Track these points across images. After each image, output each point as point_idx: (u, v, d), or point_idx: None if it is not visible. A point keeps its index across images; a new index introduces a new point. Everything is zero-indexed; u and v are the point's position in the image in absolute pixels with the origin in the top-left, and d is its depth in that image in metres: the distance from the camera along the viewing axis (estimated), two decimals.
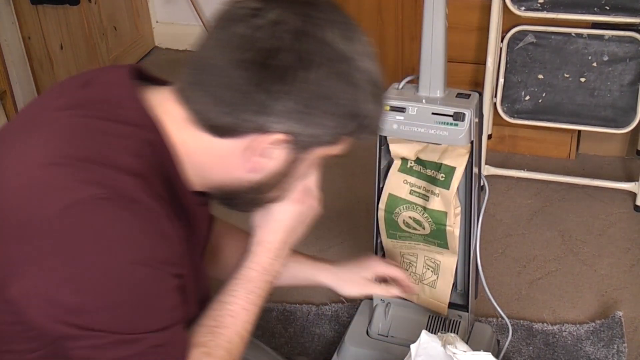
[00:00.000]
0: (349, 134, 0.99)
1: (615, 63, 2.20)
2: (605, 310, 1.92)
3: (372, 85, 0.97)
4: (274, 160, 0.99)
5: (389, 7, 2.47)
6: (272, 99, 0.92)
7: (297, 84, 0.92)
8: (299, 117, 0.94)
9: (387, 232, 1.62)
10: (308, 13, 0.95)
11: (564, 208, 2.33)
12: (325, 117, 0.95)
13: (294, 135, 0.96)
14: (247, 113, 0.93)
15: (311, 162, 1.02)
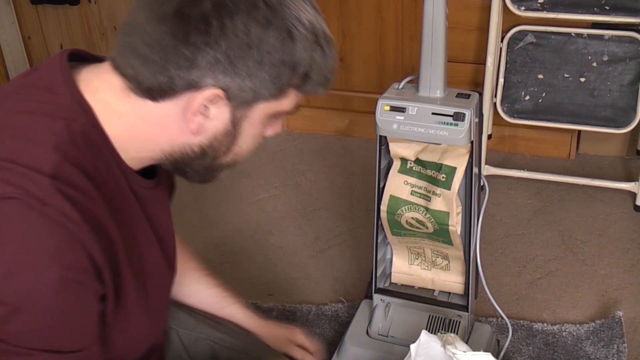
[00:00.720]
0: (291, 86, 0.96)
1: (615, 63, 2.20)
2: (605, 310, 1.92)
3: (310, 32, 0.94)
4: (215, 120, 0.95)
5: (389, 7, 2.47)
6: (196, 51, 0.89)
7: (220, 33, 0.89)
8: (227, 69, 0.91)
9: (391, 230, 1.63)
10: None
11: (564, 208, 2.33)
12: (256, 68, 0.91)
13: (227, 90, 0.92)
14: (174, 69, 0.90)
15: (259, 120, 0.98)
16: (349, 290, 2.03)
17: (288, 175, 2.58)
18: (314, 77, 0.96)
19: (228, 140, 0.98)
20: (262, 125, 1.00)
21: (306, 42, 0.93)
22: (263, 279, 2.09)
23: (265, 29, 0.91)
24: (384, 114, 1.46)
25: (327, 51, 0.97)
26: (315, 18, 0.95)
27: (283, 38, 0.91)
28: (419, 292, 1.72)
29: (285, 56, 0.92)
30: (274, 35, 0.91)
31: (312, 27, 0.94)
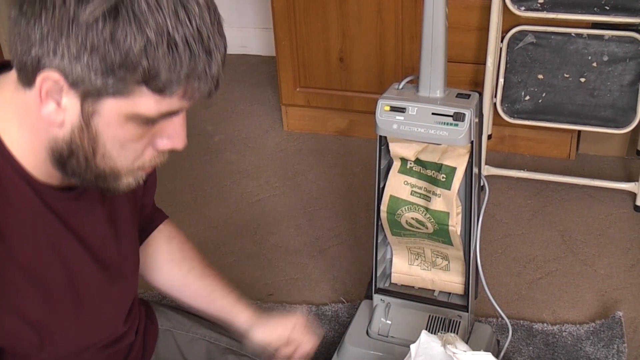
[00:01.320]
0: (135, 82, 0.84)
1: (615, 63, 2.20)
2: (605, 310, 1.92)
3: (156, 22, 0.81)
4: (68, 112, 0.86)
5: (389, 7, 2.47)
6: (29, 24, 0.82)
7: (43, 3, 0.81)
8: (55, 47, 0.82)
9: (392, 230, 1.63)
10: None
11: (563, 208, 2.33)
12: (79, 50, 0.81)
13: (64, 74, 0.83)
14: (20, 45, 0.84)
15: (115, 121, 0.87)
16: (349, 291, 2.03)
17: (288, 176, 2.58)
18: (162, 75, 0.83)
19: (87, 138, 0.89)
20: (125, 129, 0.88)
21: (139, 27, 0.81)
22: (263, 279, 2.09)
23: (83, 2, 0.80)
24: (384, 114, 1.46)
25: (183, 47, 0.84)
26: (176, 5, 0.83)
27: (104, 15, 0.80)
28: (419, 292, 1.72)
29: (107, 38, 0.81)
30: (91, 9, 0.80)
31: (159, 12, 0.82)
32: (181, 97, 0.86)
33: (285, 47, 2.66)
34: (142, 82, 0.83)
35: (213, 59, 0.86)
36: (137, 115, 0.87)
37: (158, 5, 0.81)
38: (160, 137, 0.93)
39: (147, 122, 0.88)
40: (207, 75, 0.86)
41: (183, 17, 0.82)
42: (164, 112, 0.87)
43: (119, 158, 0.91)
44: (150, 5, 0.81)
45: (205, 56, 0.85)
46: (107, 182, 0.95)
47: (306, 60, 2.67)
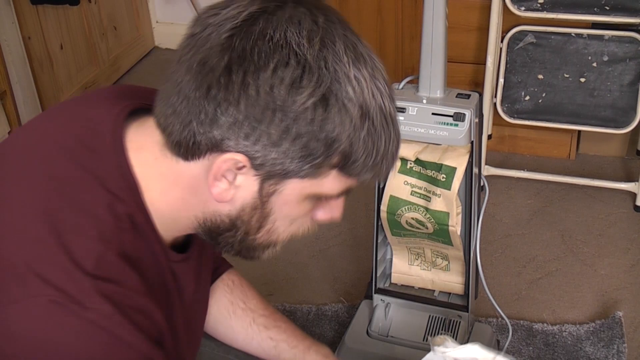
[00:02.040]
0: (329, 166, 0.84)
1: (615, 63, 2.20)
2: (605, 311, 1.92)
3: (356, 103, 0.81)
4: (242, 190, 0.86)
5: (389, 7, 2.47)
6: (216, 107, 0.81)
7: (240, 90, 0.80)
8: (248, 133, 0.81)
9: (391, 230, 1.63)
10: (276, 10, 0.82)
11: (563, 208, 2.33)
12: (280, 137, 0.80)
13: (251, 157, 0.82)
14: (197, 125, 0.82)
15: (294, 200, 0.87)
16: (349, 291, 2.03)
17: None
18: (360, 159, 0.83)
19: (258, 215, 0.88)
20: (300, 207, 0.89)
21: (346, 115, 0.81)
22: (263, 278, 2.09)
23: (293, 91, 0.79)
24: None
25: (380, 130, 0.83)
26: (371, 86, 0.82)
27: (314, 105, 0.80)
28: (419, 292, 1.73)
29: (315, 128, 0.80)
30: (302, 100, 0.79)
31: (361, 97, 0.81)
32: (359, 180, 0.88)
33: None
34: (339, 166, 0.84)
35: (399, 139, 0.87)
36: (320, 195, 0.88)
37: (360, 88, 0.81)
38: (323, 211, 0.94)
39: (320, 200, 0.89)
40: (394, 157, 0.87)
41: (378, 97, 0.83)
42: (344, 190, 0.89)
43: (284, 233, 0.92)
44: (356, 89, 0.81)
45: (395, 137, 0.86)
46: (254, 253, 0.95)
47: None
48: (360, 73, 0.82)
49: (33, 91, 2.68)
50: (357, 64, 0.82)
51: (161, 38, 3.54)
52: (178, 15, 3.45)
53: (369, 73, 0.83)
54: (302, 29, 0.80)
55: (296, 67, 0.79)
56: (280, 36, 0.80)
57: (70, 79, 2.89)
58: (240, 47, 0.80)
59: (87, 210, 0.84)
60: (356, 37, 0.84)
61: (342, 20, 0.85)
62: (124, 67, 3.27)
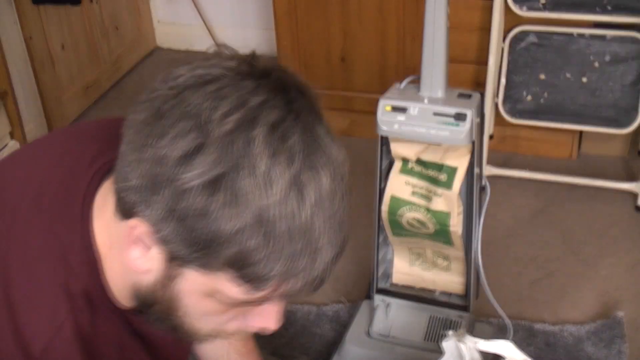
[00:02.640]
0: (220, 264, 0.74)
1: (617, 63, 2.20)
2: (606, 311, 1.92)
3: (257, 209, 0.71)
4: (154, 262, 0.78)
5: (391, 7, 2.46)
6: (129, 167, 0.75)
7: (144, 154, 0.74)
8: (148, 202, 0.74)
9: (392, 230, 1.63)
10: (228, 79, 0.75)
11: (565, 208, 2.33)
12: (174, 219, 0.73)
13: (155, 229, 0.75)
14: (120, 179, 0.77)
15: (196, 292, 0.79)
16: (349, 291, 2.03)
17: None
18: (260, 271, 0.73)
19: (168, 296, 0.80)
20: (207, 303, 0.79)
21: (235, 211, 0.71)
22: None
23: (182, 165, 0.71)
24: (385, 114, 1.46)
25: (283, 243, 0.72)
26: (288, 188, 0.71)
27: (200, 187, 0.71)
28: (419, 292, 1.73)
29: (198, 214, 0.71)
30: (189, 178, 0.71)
31: (263, 196, 0.71)
32: (271, 290, 0.76)
33: (286, 47, 2.66)
34: (228, 266, 0.74)
35: (319, 260, 0.75)
36: (218, 296, 0.78)
37: (266, 188, 0.70)
38: (252, 318, 0.84)
39: (232, 304, 0.79)
40: (306, 277, 0.75)
41: (293, 206, 0.71)
42: (251, 300, 0.78)
43: (198, 324, 0.84)
44: (256, 187, 0.70)
45: (308, 256, 0.74)
46: (186, 336, 0.87)
47: (307, 60, 2.67)
48: (278, 169, 0.71)
49: (34, 91, 2.68)
50: (278, 157, 0.71)
51: (163, 38, 3.54)
52: (180, 15, 3.45)
53: (295, 174, 0.72)
54: (221, 104, 0.72)
55: (194, 140, 0.71)
56: (195, 105, 0.73)
57: (71, 79, 2.89)
58: (162, 107, 0.75)
59: (43, 287, 0.81)
60: (315, 133, 0.75)
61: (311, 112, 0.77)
62: (126, 67, 3.27)
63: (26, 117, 2.57)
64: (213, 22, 3.39)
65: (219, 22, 3.39)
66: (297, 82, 0.79)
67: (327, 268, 0.77)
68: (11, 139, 2.38)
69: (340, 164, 0.79)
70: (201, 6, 3.34)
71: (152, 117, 0.74)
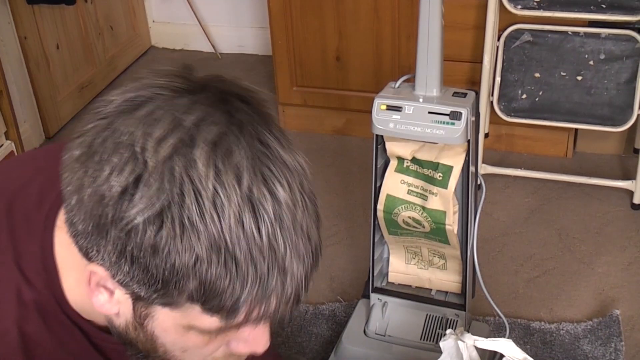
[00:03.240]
0: (184, 300, 0.70)
1: (612, 61, 2.20)
2: (602, 309, 1.92)
3: (211, 235, 0.66)
4: (122, 305, 0.75)
5: (385, 6, 2.46)
6: (71, 214, 0.72)
7: (81, 195, 0.70)
8: (96, 246, 0.71)
9: (388, 229, 1.63)
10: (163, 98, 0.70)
11: (561, 206, 2.33)
12: (126, 262, 0.69)
13: (111, 274, 0.71)
14: (70, 224, 0.74)
15: (174, 330, 0.75)
16: (346, 290, 2.03)
17: None
18: (219, 297, 0.68)
19: (143, 336, 0.77)
20: (187, 337, 0.75)
21: (187, 241, 0.66)
22: None
23: (123, 202, 0.67)
24: (380, 113, 1.46)
25: (247, 266, 0.67)
26: (243, 206, 0.66)
27: (145, 223, 0.66)
28: (416, 291, 1.72)
29: (149, 251, 0.67)
30: (132, 215, 0.67)
31: (216, 221, 0.66)
32: (246, 314, 0.71)
33: (281, 46, 2.66)
34: (193, 301, 0.70)
35: (289, 277, 0.70)
36: (194, 327, 0.74)
37: (217, 212, 0.65)
38: (237, 343, 0.79)
39: (211, 333, 0.75)
40: (279, 297, 0.70)
41: (249, 227, 0.66)
42: (229, 327, 0.73)
43: (183, 358, 0.79)
44: (205, 212, 0.65)
45: (277, 275, 0.69)
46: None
47: (303, 59, 2.67)
48: (225, 190, 0.66)
49: (29, 91, 2.68)
50: (224, 177, 0.66)
51: (158, 37, 3.54)
52: (174, 15, 3.45)
53: (246, 192, 0.66)
54: (154, 130, 0.67)
55: (131, 173, 0.66)
56: (128, 134, 0.67)
57: (66, 78, 2.88)
58: (94, 141, 0.70)
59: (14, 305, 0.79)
60: (263, 143, 0.69)
61: (257, 120, 0.71)
62: (121, 67, 3.27)
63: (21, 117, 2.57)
64: (208, 21, 3.38)
65: (213, 21, 3.39)
66: (239, 90, 0.72)
67: (301, 283, 0.71)
68: (6, 139, 2.38)
69: (297, 171, 0.71)
70: (196, 6, 3.34)
71: (85, 154, 0.69)
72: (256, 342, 0.78)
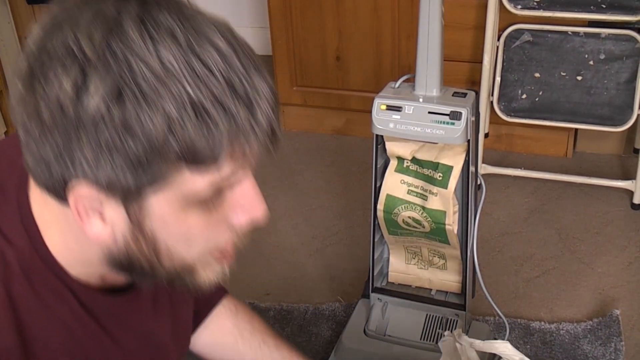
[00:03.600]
0: (172, 167, 0.71)
1: (611, 61, 2.20)
2: (602, 309, 1.92)
3: (178, 97, 0.68)
4: (115, 223, 0.76)
5: (386, 6, 2.46)
6: (38, 144, 0.72)
7: (40, 117, 0.70)
8: (73, 161, 0.71)
9: (388, 229, 1.63)
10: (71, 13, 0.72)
11: (561, 206, 2.33)
12: (105, 154, 0.70)
13: (95, 184, 0.71)
14: (38, 169, 0.74)
15: (172, 217, 0.76)
16: (346, 290, 2.03)
17: (285, 175, 2.58)
18: (200, 147, 0.70)
19: (145, 244, 0.77)
20: (187, 221, 0.76)
21: (153, 105, 0.68)
22: (260, 278, 2.09)
23: (80, 98, 0.68)
24: (380, 113, 1.46)
25: (210, 109, 0.69)
26: (189, 59, 0.69)
27: (107, 106, 0.68)
28: (416, 291, 1.72)
29: (122, 131, 0.68)
30: (93, 104, 0.68)
31: (171, 77, 0.69)
32: (231, 160, 0.73)
33: (281, 46, 2.66)
34: (178, 163, 0.71)
35: (256, 108, 0.72)
36: (190, 200, 0.74)
37: (167, 71, 0.68)
38: (235, 213, 0.79)
39: (207, 203, 0.76)
40: (254, 130, 0.72)
41: (203, 74, 0.69)
42: (216, 183, 0.74)
43: (188, 253, 0.80)
44: (158, 74, 0.68)
45: (245, 109, 0.71)
46: (183, 281, 0.83)
47: (303, 59, 2.67)
48: (166, 50, 0.69)
49: None
50: (161, 41, 0.69)
51: None
52: None
53: (185, 47, 0.70)
54: (80, 28, 0.70)
55: (76, 71, 0.68)
56: (60, 44, 0.70)
57: None
58: (32, 64, 0.72)
59: None
60: (181, 7, 0.73)
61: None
62: None
63: None
64: None
65: None
66: None
67: (269, 114, 0.74)
68: None
69: (223, 23, 0.76)
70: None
71: (28, 79, 0.72)
72: (252, 205, 0.79)
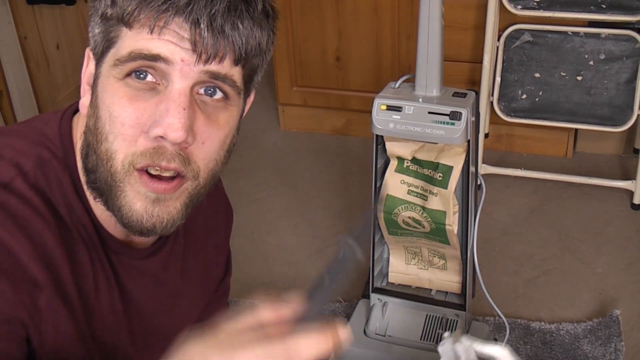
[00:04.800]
0: (114, 24, 0.80)
1: (611, 61, 2.20)
2: (602, 309, 1.92)
3: None
4: (89, 95, 0.87)
5: (385, 6, 2.46)
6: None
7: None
8: (90, 25, 0.85)
9: (388, 229, 1.63)
10: None
11: (561, 206, 2.33)
12: (95, 15, 0.83)
13: (91, 46, 0.85)
14: None
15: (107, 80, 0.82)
16: (346, 290, 2.03)
17: (285, 175, 2.58)
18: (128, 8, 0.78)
19: (93, 115, 0.83)
20: (112, 87, 0.81)
21: None
22: (260, 278, 2.09)
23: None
24: (380, 113, 1.46)
25: None
26: None
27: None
28: (416, 291, 1.72)
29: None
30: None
31: None
32: (149, 29, 0.77)
33: (281, 47, 2.66)
34: (116, 20, 0.79)
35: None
36: (116, 62, 0.80)
37: None
38: (157, 124, 0.81)
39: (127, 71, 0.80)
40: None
41: None
42: (136, 50, 0.78)
43: (110, 135, 0.81)
44: None
45: None
46: (111, 194, 0.82)
47: (303, 60, 2.67)
48: None
49: (29, 91, 2.68)
50: None
51: None
52: None
53: None
54: None
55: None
56: None
57: (66, 79, 2.88)
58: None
59: (11, 146, 0.85)
60: None
61: None
62: None
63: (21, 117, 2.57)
64: None
65: None
66: None
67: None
68: None
69: None
70: None
71: None
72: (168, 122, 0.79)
